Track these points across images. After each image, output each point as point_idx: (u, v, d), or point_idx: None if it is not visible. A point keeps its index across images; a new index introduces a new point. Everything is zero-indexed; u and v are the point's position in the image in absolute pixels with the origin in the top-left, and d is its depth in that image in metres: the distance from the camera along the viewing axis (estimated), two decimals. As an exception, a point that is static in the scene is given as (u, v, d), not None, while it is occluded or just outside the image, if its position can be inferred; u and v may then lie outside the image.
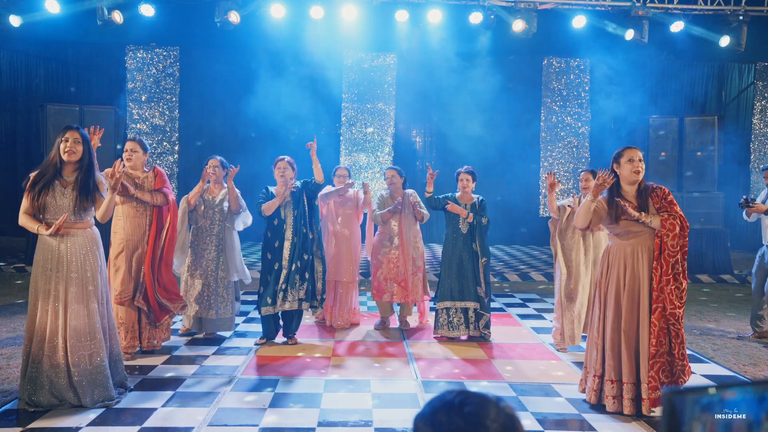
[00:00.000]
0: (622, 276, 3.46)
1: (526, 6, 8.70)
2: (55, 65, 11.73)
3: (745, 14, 8.83)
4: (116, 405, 3.49)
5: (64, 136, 3.42)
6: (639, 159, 3.45)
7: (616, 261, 3.50)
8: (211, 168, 5.05)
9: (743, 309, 6.67)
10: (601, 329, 3.55)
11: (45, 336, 3.36)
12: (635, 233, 3.44)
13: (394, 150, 11.22)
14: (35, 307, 3.39)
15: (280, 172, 4.89)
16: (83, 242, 3.45)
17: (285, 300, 4.79)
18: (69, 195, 3.40)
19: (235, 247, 5.16)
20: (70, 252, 3.40)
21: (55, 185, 3.40)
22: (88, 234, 3.50)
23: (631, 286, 3.43)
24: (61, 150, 3.41)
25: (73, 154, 3.42)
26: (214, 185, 5.13)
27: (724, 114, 11.44)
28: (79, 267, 3.41)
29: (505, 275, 8.71)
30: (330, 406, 3.58)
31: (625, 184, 3.50)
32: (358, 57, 11.09)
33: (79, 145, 3.44)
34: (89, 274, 3.44)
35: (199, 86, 11.74)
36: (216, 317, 5.01)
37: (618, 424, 3.40)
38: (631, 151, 3.47)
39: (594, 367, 3.57)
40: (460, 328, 5.10)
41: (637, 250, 3.44)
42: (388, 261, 5.41)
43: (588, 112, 11.56)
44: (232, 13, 8.60)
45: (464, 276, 5.09)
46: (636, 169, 3.43)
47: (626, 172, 3.46)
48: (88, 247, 3.46)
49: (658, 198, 3.43)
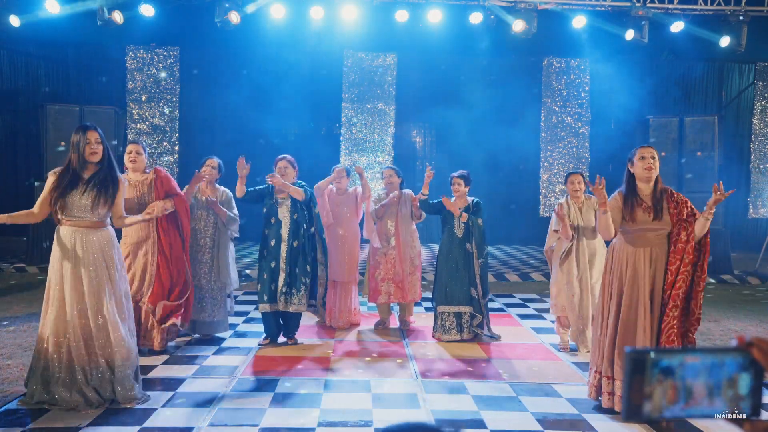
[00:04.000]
0: (624, 273, 3.46)
1: (526, 6, 8.71)
2: (55, 65, 11.74)
3: (745, 14, 8.83)
4: (138, 405, 3.48)
5: (86, 136, 3.42)
6: (651, 156, 3.44)
7: (620, 258, 3.50)
8: (209, 168, 5.00)
9: (743, 309, 6.67)
10: (604, 326, 3.55)
11: (61, 334, 3.37)
12: (645, 233, 3.42)
13: (394, 150, 11.22)
14: (50, 305, 3.40)
15: (280, 171, 4.86)
16: (100, 241, 3.46)
17: (289, 303, 4.77)
18: (89, 194, 3.42)
19: (229, 250, 5.10)
20: (87, 251, 3.41)
21: (78, 185, 3.42)
22: (104, 233, 3.51)
23: (632, 284, 3.42)
24: (85, 151, 3.42)
25: (95, 155, 3.45)
26: (207, 186, 5.05)
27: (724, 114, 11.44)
28: (96, 265, 3.42)
29: (505, 275, 8.71)
30: (330, 406, 3.58)
31: (639, 182, 3.49)
32: (358, 57, 11.08)
33: (100, 145, 3.47)
34: (106, 273, 3.45)
35: (199, 86, 11.74)
36: (209, 319, 4.99)
37: (618, 424, 3.40)
38: (643, 150, 3.48)
39: (596, 363, 3.59)
40: (452, 332, 5.12)
41: (643, 248, 3.43)
42: (385, 261, 5.41)
43: (588, 112, 11.56)
44: (232, 13, 8.60)
45: (457, 280, 5.10)
46: (647, 166, 3.42)
47: (639, 170, 3.46)
48: (105, 245, 3.47)
49: (674, 203, 3.41)
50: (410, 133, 12.58)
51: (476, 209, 5.17)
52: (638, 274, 3.42)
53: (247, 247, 11.42)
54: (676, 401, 0.84)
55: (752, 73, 11.98)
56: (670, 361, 0.84)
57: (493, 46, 10.53)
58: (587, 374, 4.28)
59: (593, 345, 3.69)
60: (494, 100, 11.27)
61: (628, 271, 3.45)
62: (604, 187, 3.47)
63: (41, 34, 9.72)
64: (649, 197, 3.46)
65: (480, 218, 5.14)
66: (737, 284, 8.50)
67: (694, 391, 0.84)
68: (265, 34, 9.73)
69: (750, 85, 12.12)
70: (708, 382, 0.85)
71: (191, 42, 11.31)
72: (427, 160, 12.61)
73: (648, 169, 3.43)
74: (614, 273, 3.53)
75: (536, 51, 11.29)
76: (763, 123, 11.44)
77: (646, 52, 10.76)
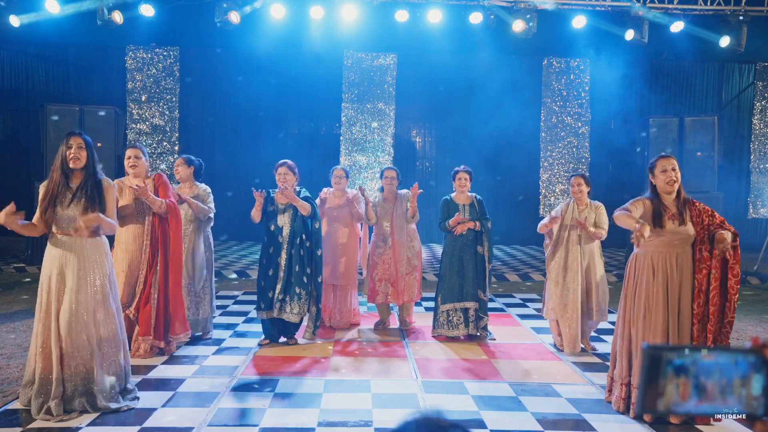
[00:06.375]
0: (651, 280, 3.40)
1: (526, 6, 8.71)
2: (55, 65, 11.74)
3: (745, 14, 8.83)
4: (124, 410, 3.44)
5: (68, 142, 3.36)
6: (672, 168, 3.38)
7: (647, 265, 3.42)
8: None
9: (743, 309, 6.67)
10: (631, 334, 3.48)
11: (50, 344, 3.31)
12: (671, 241, 3.38)
13: (394, 150, 11.22)
14: (40, 313, 3.35)
15: (280, 177, 4.79)
16: (91, 251, 3.38)
17: (282, 310, 4.74)
18: (76, 205, 3.33)
19: (200, 249, 4.98)
20: (78, 260, 3.33)
21: (65, 195, 3.34)
22: (96, 242, 3.42)
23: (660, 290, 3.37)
24: (66, 157, 3.35)
25: (78, 161, 3.36)
26: (184, 185, 5.03)
27: (724, 114, 11.45)
28: (87, 275, 3.35)
29: (505, 275, 8.71)
30: (330, 406, 3.58)
31: (662, 193, 3.44)
32: (358, 57, 11.09)
33: (83, 151, 3.38)
34: (98, 283, 3.37)
35: (199, 86, 11.75)
36: (192, 318, 4.90)
37: (618, 424, 3.40)
38: (664, 161, 3.41)
39: (621, 376, 3.52)
40: (459, 327, 5.10)
41: (669, 254, 3.38)
42: (383, 262, 5.40)
43: (588, 112, 11.56)
44: (232, 13, 8.60)
45: (465, 277, 5.09)
46: (670, 179, 3.37)
47: (661, 183, 3.41)
48: (96, 255, 3.39)
49: (696, 212, 3.38)
50: (410, 133, 12.58)
51: (481, 208, 5.15)
52: (667, 279, 3.37)
53: (247, 247, 11.42)
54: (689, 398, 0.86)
55: (752, 73, 11.98)
56: (685, 359, 0.86)
57: (493, 46, 10.54)
58: (587, 374, 4.29)
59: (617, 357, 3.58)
60: (494, 100, 11.27)
61: (658, 277, 3.38)
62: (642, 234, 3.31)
63: (41, 34, 9.73)
64: (673, 204, 3.42)
65: (489, 220, 5.13)
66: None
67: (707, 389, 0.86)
68: (265, 34, 9.73)
69: (750, 85, 12.12)
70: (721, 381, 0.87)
71: (191, 42, 11.32)
72: (427, 160, 12.62)
73: (671, 183, 3.38)
74: (640, 280, 3.45)
75: (536, 51, 11.29)
76: (762, 123, 11.44)
77: (646, 52, 10.77)
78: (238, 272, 8.50)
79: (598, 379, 4.17)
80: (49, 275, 3.35)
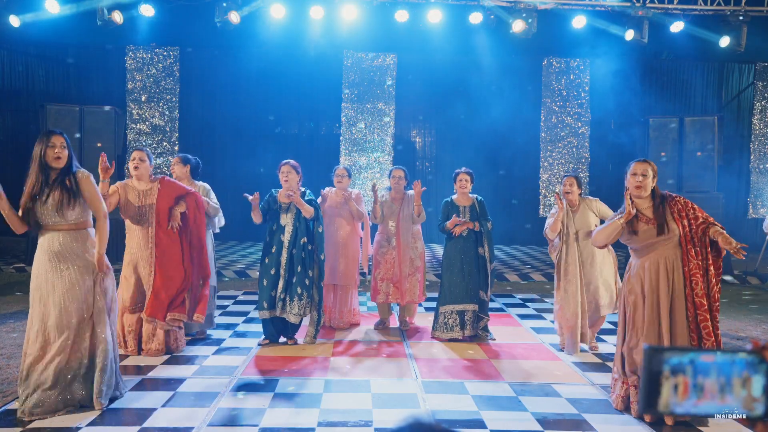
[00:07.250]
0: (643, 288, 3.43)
1: (525, 6, 8.71)
2: (55, 65, 11.73)
3: (745, 14, 8.82)
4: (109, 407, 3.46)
5: (50, 141, 3.33)
6: (643, 173, 3.41)
7: (638, 275, 3.46)
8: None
9: (743, 309, 6.67)
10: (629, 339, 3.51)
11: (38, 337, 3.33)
12: (653, 245, 3.40)
13: (394, 150, 11.21)
14: (32, 308, 3.38)
15: (283, 176, 4.80)
16: (75, 243, 3.39)
17: (284, 310, 4.76)
18: (51, 198, 3.32)
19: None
20: (63, 253, 3.35)
21: (43, 192, 3.34)
22: (81, 235, 3.43)
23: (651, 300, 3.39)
24: (48, 156, 3.32)
25: (60, 161, 3.35)
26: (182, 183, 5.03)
27: (723, 114, 11.43)
28: (75, 269, 3.36)
29: (505, 275, 8.71)
30: (330, 406, 3.59)
31: (634, 198, 3.47)
32: (358, 57, 11.08)
33: (65, 150, 3.38)
34: (81, 275, 3.38)
35: (199, 86, 11.74)
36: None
37: (618, 425, 3.40)
38: (636, 165, 3.46)
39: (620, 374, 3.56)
40: (454, 330, 5.10)
41: (656, 260, 3.40)
42: (385, 262, 5.41)
43: (588, 112, 11.55)
44: (232, 13, 8.59)
45: (466, 278, 5.08)
46: (636, 184, 3.42)
47: (630, 186, 3.46)
48: (79, 247, 3.40)
49: (677, 208, 3.40)
50: (410, 133, 12.58)
51: (482, 209, 5.15)
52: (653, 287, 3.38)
53: (247, 247, 11.42)
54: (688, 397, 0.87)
55: (752, 73, 11.97)
56: (684, 359, 0.88)
57: (493, 46, 10.53)
58: (587, 374, 4.29)
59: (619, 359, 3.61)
60: (494, 100, 11.27)
61: (646, 286, 3.41)
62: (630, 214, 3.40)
63: (41, 34, 9.71)
64: (649, 210, 3.44)
65: (490, 221, 5.13)
66: (737, 284, 8.49)
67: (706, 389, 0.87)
68: (265, 34, 9.72)
69: (750, 85, 12.11)
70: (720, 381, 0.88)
71: (191, 42, 11.31)
72: (427, 160, 12.62)
73: (637, 188, 3.42)
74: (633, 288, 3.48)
75: (536, 51, 11.29)
76: (762, 123, 11.43)
77: (646, 52, 10.76)
78: (238, 272, 8.50)
79: (598, 379, 4.17)
80: (38, 266, 3.38)
